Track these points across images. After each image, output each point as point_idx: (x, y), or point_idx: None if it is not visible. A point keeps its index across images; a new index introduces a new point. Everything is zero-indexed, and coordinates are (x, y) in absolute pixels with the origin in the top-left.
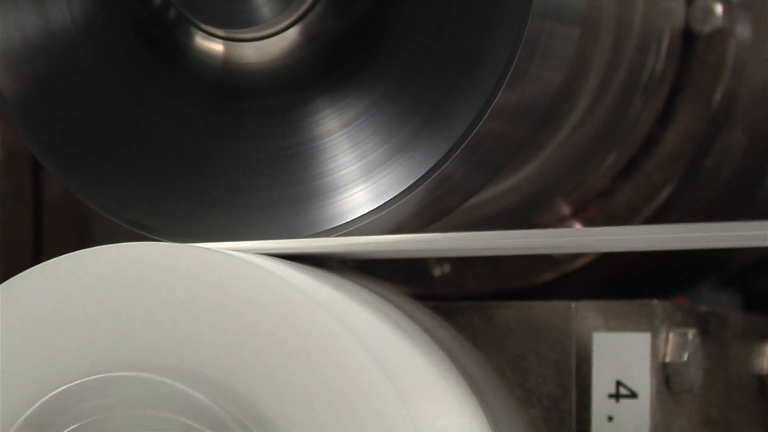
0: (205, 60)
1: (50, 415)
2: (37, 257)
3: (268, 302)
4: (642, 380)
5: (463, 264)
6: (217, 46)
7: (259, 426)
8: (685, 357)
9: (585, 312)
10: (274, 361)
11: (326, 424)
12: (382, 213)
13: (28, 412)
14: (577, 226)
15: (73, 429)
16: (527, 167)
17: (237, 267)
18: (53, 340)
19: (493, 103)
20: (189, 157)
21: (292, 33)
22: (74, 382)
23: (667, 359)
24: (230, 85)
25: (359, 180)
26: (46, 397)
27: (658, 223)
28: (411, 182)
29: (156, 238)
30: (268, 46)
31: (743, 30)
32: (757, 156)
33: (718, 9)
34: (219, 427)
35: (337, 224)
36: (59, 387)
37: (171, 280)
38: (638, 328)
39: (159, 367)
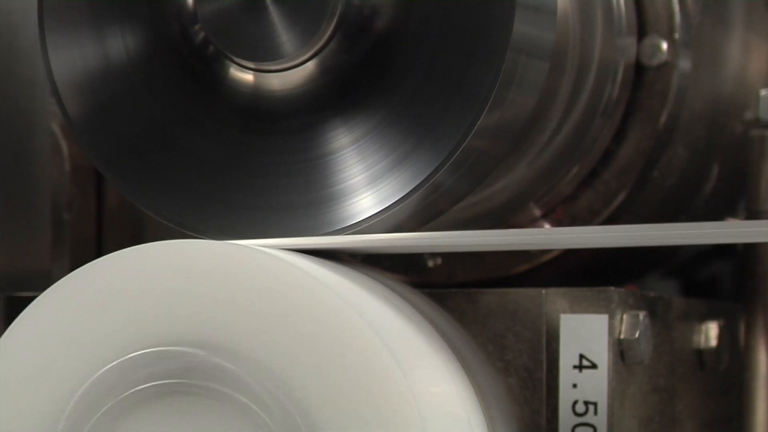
0: (237, 88)
1: (108, 384)
2: (99, 252)
3: (290, 289)
4: (601, 354)
5: (452, 257)
6: (247, 77)
7: (280, 391)
8: (637, 334)
9: (553, 297)
10: (293, 336)
11: (336, 388)
12: (385, 215)
13: (89, 381)
14: (547, 226)
15: (126, 395)
16: (505, 177)
17: (264, 259)
18: (111, 320)
19: (478, 124)
20: (224, 168)
21: (311, 65)
22: (127, 356)
23: (622, 336)
24: (259, 109)
25: (365, 188)
26: (105, 368)
27: (614, 224)
28: (409, 189)
29: (197, 236)
30: (290, 76)
31: (684, 63)
32: (695, 168)
33: (664, 46)
34: (246, 391)
35: (347, 224)
36: (115, 360)
37: (209, 270)
38: (598, 311)
39: (196, 343)
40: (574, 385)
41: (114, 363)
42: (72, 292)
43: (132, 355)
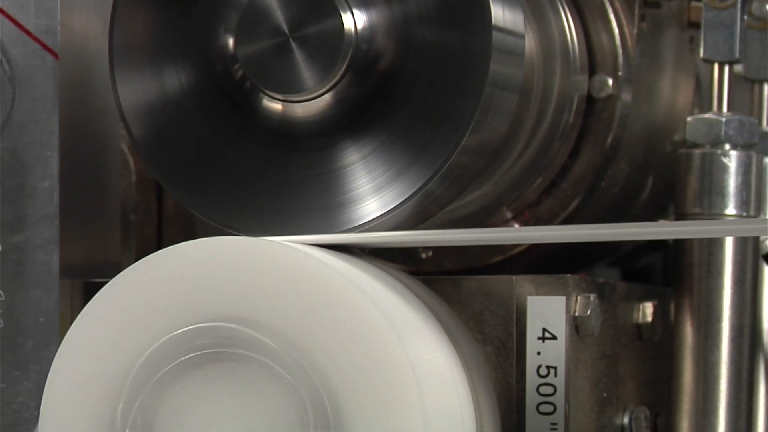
0: (268, 115)
1: (163, 353)
2: (158, 246)
3: (309, 275)
4: (560, 328)
5: (441, 250)
6: (277, 106)
7: (301, 357)
8: (588, 312)
9: (522, 283)
10: (311, 312)
11: (345, 354)
12: (386, 217)
13: (149, 350)
14: (516, 225)
15: (177, 363)
16: (483, 187)
17: (289, 252)
18: (166, 301)
19: (461, 144)
20: (257, 179)
21: (327, 97)
22: (178, 331)
23: (576, 314)
24: (285, 132)
25: (371, 195)
26: (162, 339)
27: (570, 224)
28: (406, 197)
29: (236, 233)
30: (311, 106)
31: (626, 96)
32: (634, 180)
33: (610, 82)
34: (272, 356)
35: (355, 225)
36: (168, 333)
37: (245, 260)
38: (557, 293)
39: (233, 319)
40: (538, 353)
41: (168, 336)
42: (136, 279)
43: (182, 329)
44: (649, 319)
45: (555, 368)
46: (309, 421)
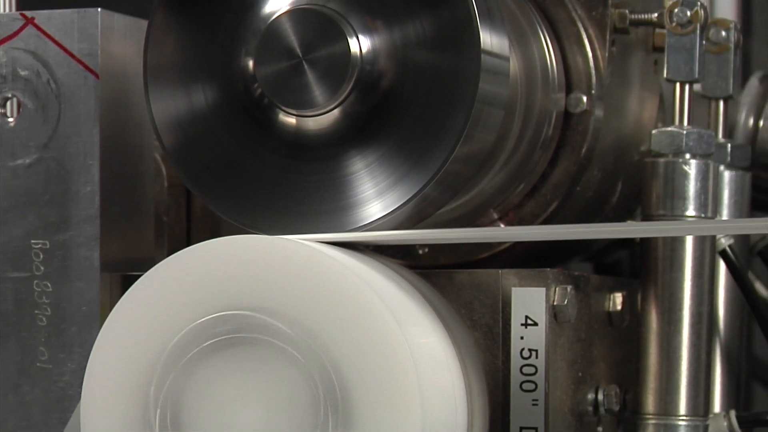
0: (284, 128)
1: (191, 337)
2: (187, 244)
3: (319, 268)
4: (540, 315)
5: (436, 247)
6: (291, 120)
7: (312, 340)
8: (566, 301)
9: (507, 276)
10: (320, 301)
11: (351, 337)
12: (388, 218)
13: (177, 336)
14: (502, 225)
15: (205, 345)
16: (473, 191)
17: (302, 248)
18: (193, 291)
19: (454, 154)
20: (274, 185)
21: (336, 112)
22: (203, 318)
23: (555, 303)
24: (298, 143)
25: (374, 199)
26: (189, 326)
27: (549, 224)
28: (405, 200)
29: (255, 232)
30: (321, 119)
31: (599, 112)
32: (606, 185)
33: (584, 99)
34: (285, 339)
35: (360, 225)
36: (195, 321)
37: (263, 256)
38: (538, 285)
39: (252, 308)
40: (522, 337)
41: (194, 323)
42: (167, 273)
43: (206, 317)
44: (619, 307)
45: (536, 351)
46: (319, 397)
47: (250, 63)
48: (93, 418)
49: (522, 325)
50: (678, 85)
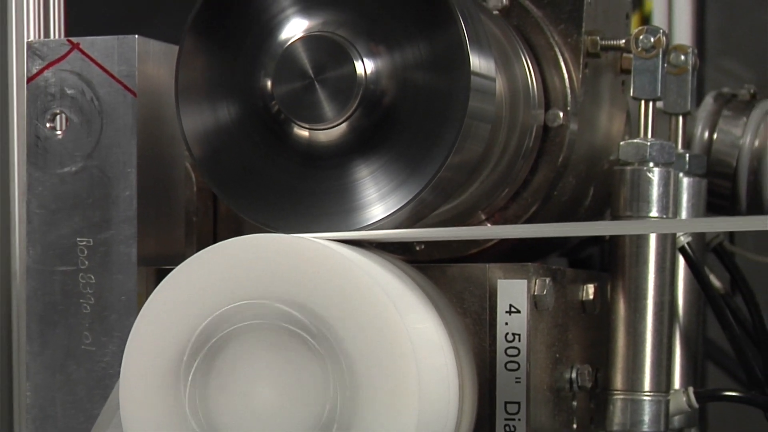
0: (298, 140)
1: (216, 323)
2: (214, 241)
3: (330, 263)
4: (522, 304)
5: (431, 244)
6: (304, 133)
7: (324, 328)
8: (545, 292)
9: (494, 269)
10: (330, 291)
11: (357, 323)
12: (388, 219)
13: (205, 322)
14: (488, 225)
15: (229, 331)
16: (463, 195)
17: (314, 245)
18: (218, 283)
19: (447, 162)
20: (289, 190)
21: (343, 126)
22: (227, 306)
23: (535, 293)
24: (310, 153)
25: (377, 202)
26: (215, 313)
27: (530, 224)
28: (404, 203)
29: (273, 231)
30: (330, 132)
31: (573, 126)
32: (580, 190)
33: (561, 115)
34: (299, 324)
35: (364, 225)
36: (220, 309)
37: (280, 252)
38: (520, 277)
39: (269, 297)
40: (506, 323)
41: (219, 311)
42: (196, 266)
43: (230, 305)
44: (591, 297)
45: (519, 335)
46: (329, 375)
47: (269, 83)
48: (130, 394)
49: (506, 312)
50: (643, 102)
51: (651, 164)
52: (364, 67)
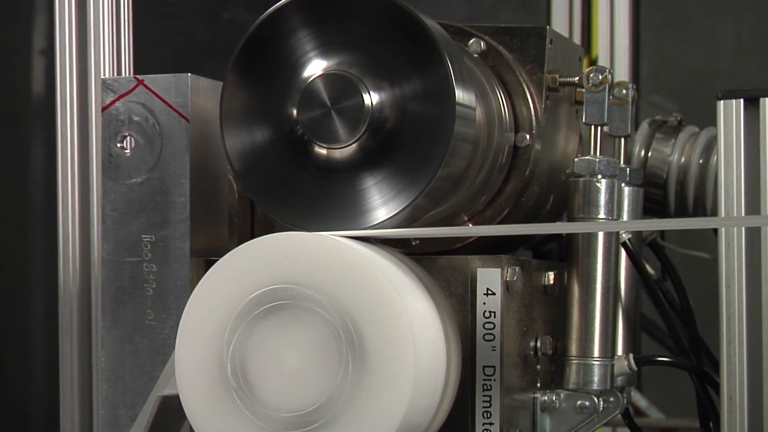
0: (318, 157)
1: (251, 304)
2: (252, 238)
3: (342, 254)
4: (497, 287)
5: (424, 239)
6: (323, 151)
7: (337, 305)
8: (515, 278)
9: (474, 260)
10: (343, 278)
11: (364, 303)
12: (390, 220)
13: (242, 303)
14: (470, 225)
15: (262, 310)
16: (449, 201)
17: (330, 241)
18: (254, 272)
19: (437, 175)
20: (311, 197)
21: (354, 146)
22: (260, 290)
23: (507, 279)
24: (328, 168)
25: (380, 207)
26: (251, 295)
27: (503, 224)
28: (402, 207)
29: (298, 230)
30: (344, 151)
31: (537, 146)
32: (542, 197)
33: (527, 137)
34: (319, 305)
35: (370, 225)
36: (253, 293)
37: (304, 246)
38: (495, 266)
39: (295, 282)
40: (484, 303)
41: (254, 293)
42: (237, 258)
43: (263, 289)
44: (552, 282)
45: (494, 312)
46: (342, 343)
47: (295, 111)
48: (184, 360)
49: (485, 294)
50: (593, 127)
51: (599, 176)
52: (371, 98)
